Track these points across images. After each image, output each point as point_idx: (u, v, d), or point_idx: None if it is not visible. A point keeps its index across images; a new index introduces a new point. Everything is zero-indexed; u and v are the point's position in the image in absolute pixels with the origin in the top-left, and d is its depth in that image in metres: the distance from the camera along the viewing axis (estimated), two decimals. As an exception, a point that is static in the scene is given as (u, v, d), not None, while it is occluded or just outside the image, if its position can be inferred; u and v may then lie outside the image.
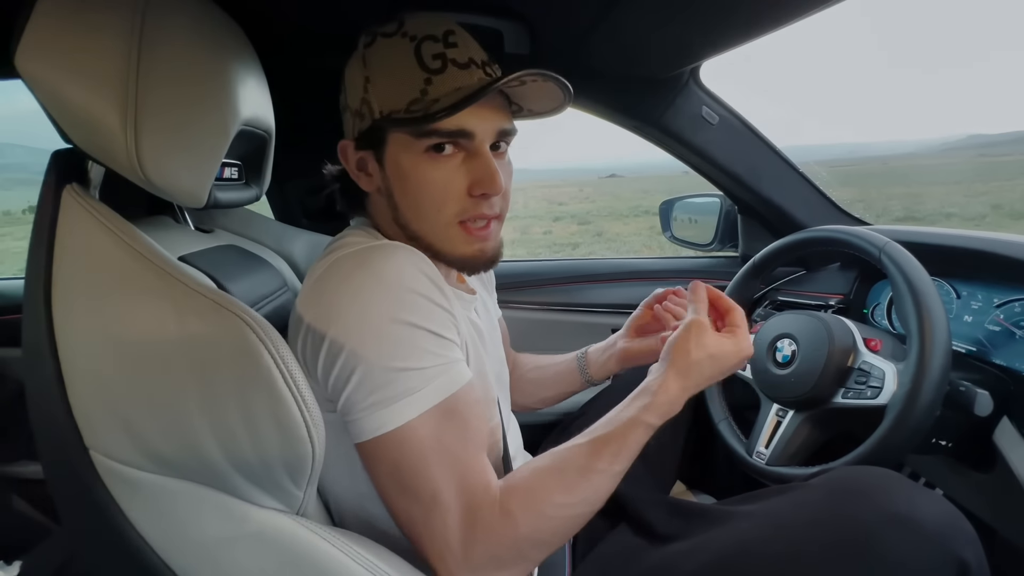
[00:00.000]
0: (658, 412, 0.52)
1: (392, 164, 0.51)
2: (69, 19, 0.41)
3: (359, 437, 0.45)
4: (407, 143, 0.50)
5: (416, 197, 0.51)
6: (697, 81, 0.90)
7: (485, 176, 0.50)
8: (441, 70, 0.49)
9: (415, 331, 0.44)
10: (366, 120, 0.50)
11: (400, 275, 0.45)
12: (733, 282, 0.88)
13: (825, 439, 0.72)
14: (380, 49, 0.50)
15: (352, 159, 0.54)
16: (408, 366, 0.44)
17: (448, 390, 0.46)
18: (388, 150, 0.51)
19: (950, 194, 21.30)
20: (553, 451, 0.51)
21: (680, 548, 0.58)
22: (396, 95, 0.48)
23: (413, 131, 0.48)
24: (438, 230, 0.52)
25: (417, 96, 0.48)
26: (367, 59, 0.50)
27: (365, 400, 0.43)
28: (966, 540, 0.48)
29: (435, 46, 0.49)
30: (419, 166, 0.50)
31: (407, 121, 0.48)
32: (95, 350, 0.39)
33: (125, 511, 0.41)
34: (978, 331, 0.73)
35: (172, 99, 0.44)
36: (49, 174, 0.43)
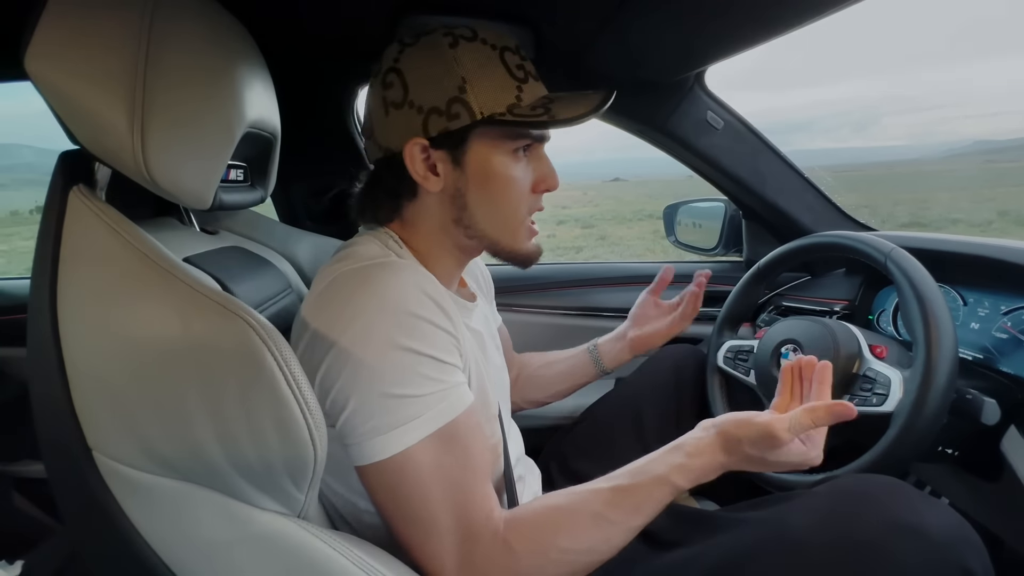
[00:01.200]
0: (690, 476, 0.50)
1: (476, 163, 0.51)
2: (78, 22, 0.41)
3: (357, 461, 0.45)
4: (496, 144, 0.51)
5: (498, 195, 0.52)
6: (702, 86, 0.90)
7: (549, 173, 0.55)
8: (525, 80, 0.52)
9: (416, 357, 0.44)
10: (459, 120, 0.49)
11: (404, 298, 0.45)
12: (737, 287, 0.88)
13: (830, 446, 0.71)
14: (470, 51, 0.50)
15: (419, 158, 0.51)
16: (407, 393, 0.44)
17: (448, 416, 0.46)
18: (471, 150, 0.51)
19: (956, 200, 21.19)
20: (571, 490, 0.50)
21: (683, 555, 0.57)
22: (497, 98, 0.50)
23: (511, 133, 0.51)
24: (511, 226, 0.54)
25: (514, 101, 0.50)
26: (459, 59, 0.49)
27: (363, 425, 0.43)
28: (972, 549, 0.47)
29: (514, 57, 0.52)
30: (506, 165, 0.52)
31: (516, 123, 0.50)
32: (99, 351, 0.39)
33: (127, 512, 0.41)
34: (985, 338, 0.73)
35: (179, 101, 0.44)
36: (56, 175, 0.44)
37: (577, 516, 0.48)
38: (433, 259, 0.56)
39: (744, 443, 0.50)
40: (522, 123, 0.50)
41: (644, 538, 0.64)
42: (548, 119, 0.49)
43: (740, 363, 0.82)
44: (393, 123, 0.51)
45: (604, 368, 0.81)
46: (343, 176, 1.04)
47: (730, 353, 0.84)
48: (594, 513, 0.48)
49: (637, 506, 0.49)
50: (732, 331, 0.89)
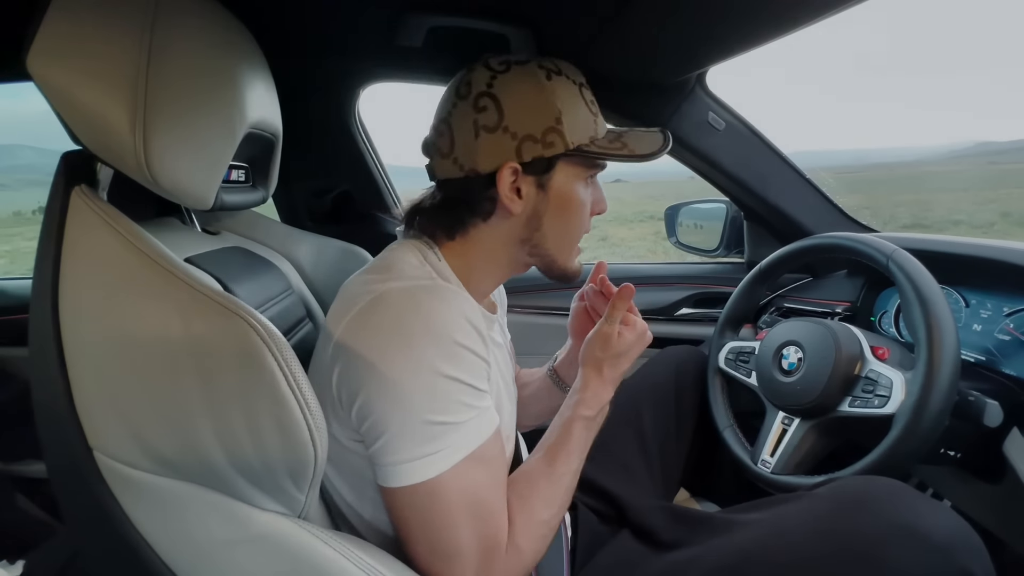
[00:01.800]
0: (587, 405, 0.57)
1: (558, 189, 0.55)
2: (80, 22, 0.41)
3: (388, 483, 0.45)
4: (576, 172, 0.55)
5: (572, 218, 0.57)
6: (703, 87, 0.90)
7: (602, 199, 0.60)
8: (598, 115, 0.56)
9: (457, 385, 0.46)
10: (554, 148, 0.52)
11: (451, 326, 0.46)
12: (738, 288, 0.87)
13: (831, 448, 0.71)
14: (561, 86, 0.53)
15: (509, 181, 0.52)
16: (448, 420, 0.45)
17: (480, 439, 0.47)
18: (556, 177, 0.54)
19: (958, 201, 21.14)
20: (519, 472, 0.55)
21: (683, 556, 0.57)
22: (582, 130, 0.54)
23: (589, 163, 0.55)
24: (572, 246, 0.59)
25: (593, 134, 0.55)
26: (555, 93, 0.52)
27: (401, 451, 0.44)
28: (973, 552, 0.47)
29: (588, 92, 0.56)
30: (581, 191, 0.56)
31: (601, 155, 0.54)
32: (100, 351, 0.39)
33: (127, 512, 0.41)
34: (987, 340, 0.72)
35: (181, 102, 0.44)
36: (58, 175, 0.44)
37: (537, 486, 0.53)
38: (478, 275, 0.57)
39: (596, 353, 0.59)
40: (606, 155, 0.55)
41: (644, 539, 0.64)
42: (627, 153, 0.55)
43: (741, 364, 0.82)
44: (483, 145, 0.52)
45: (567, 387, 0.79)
46: (344, 177, 1.05)
47: (731, 354, 0.84)
48: (545, 475, 0.54)
49: (569, 451, 0.55)
50: (733, 332, 0.89)
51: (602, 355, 0.59)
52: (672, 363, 0.86)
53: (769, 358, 0.76)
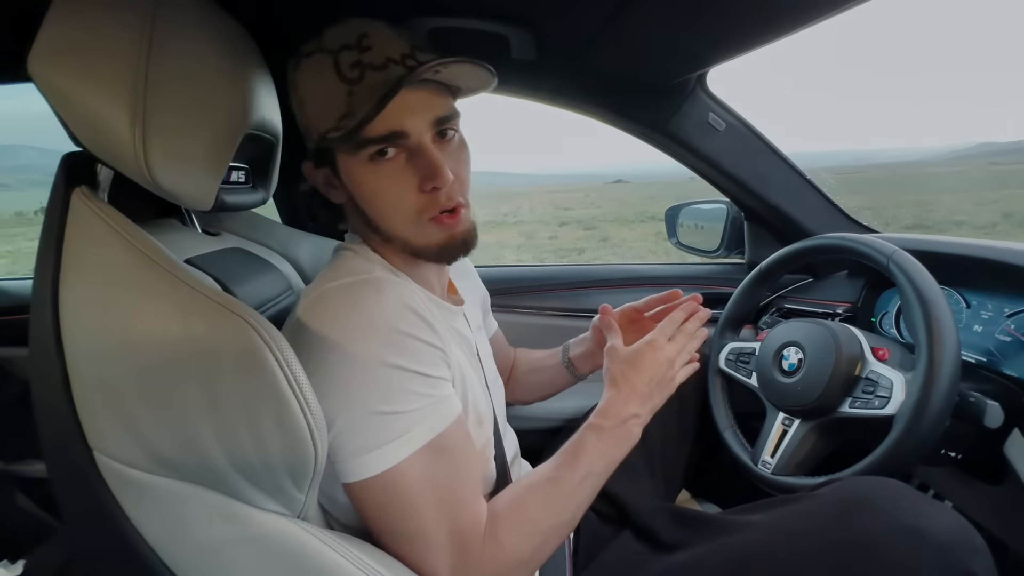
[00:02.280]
0: (602, 413, 0.57)
1: (347, 177, 0.52)
2: (80, 24, 0.41)
3: (346, 478, 0.45)
4: (350, 156, 0.50)
5: (376, 203, 0.52)
6: (704, 87, 0.90)
7: (429, 171, 0.49)
8: (360, 79, 0.47)
9: (403, 373, 0.45)
10: (312, 141, 0.52)
11: (389, 315, 0.45)
12: (739, 289, 0.87)
13: (832, 449, 0.71)
14: (304, 70, 0.50)
15: (317, 177, 0.55)
16: (395, 409, 0.44)
17: (437, 428, 0.46)
18: (340, 165, 0.52)
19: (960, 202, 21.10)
20: (527, 472, 0.55)
21: (684, 558, 0.57)
22: (326, 114, 0.48)
23: (349, 146, 0.49)
24: (408, 228, 0.52)
25: (345, 110, 0.48)
26: (297, 83, 0.51)
27: (351, 443, 0.44)
28: (976, 553, 0.47)
29: (351, 55, 0.48)
30: (368, 175, 0.50)
31: (340, 138, 0.48)
32: (100, 351, 0.39)
33: (127, 512, 0.41)
34: (988, 341, 0.72)
35: (180, 103, 0.44)
36: (59, 176, 0.44)
37: (536, 487, 0.52)
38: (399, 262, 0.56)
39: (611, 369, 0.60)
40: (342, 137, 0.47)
41: (646, 540, 0.64)
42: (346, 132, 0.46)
43: (742, 365, 0.82)
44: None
45: (579, 375, 0.81)
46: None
47: (732, 355, 0.84)
48: (548, 479, 0.52)
49: (575, 455, 0.53)
50: (734, 333, 0.88)
51: (614, 367, 0.59)
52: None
53: (769, 359, 0.76)
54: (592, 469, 0.53)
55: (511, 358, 0.88)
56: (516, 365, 0.88)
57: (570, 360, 0.80)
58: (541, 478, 0.53)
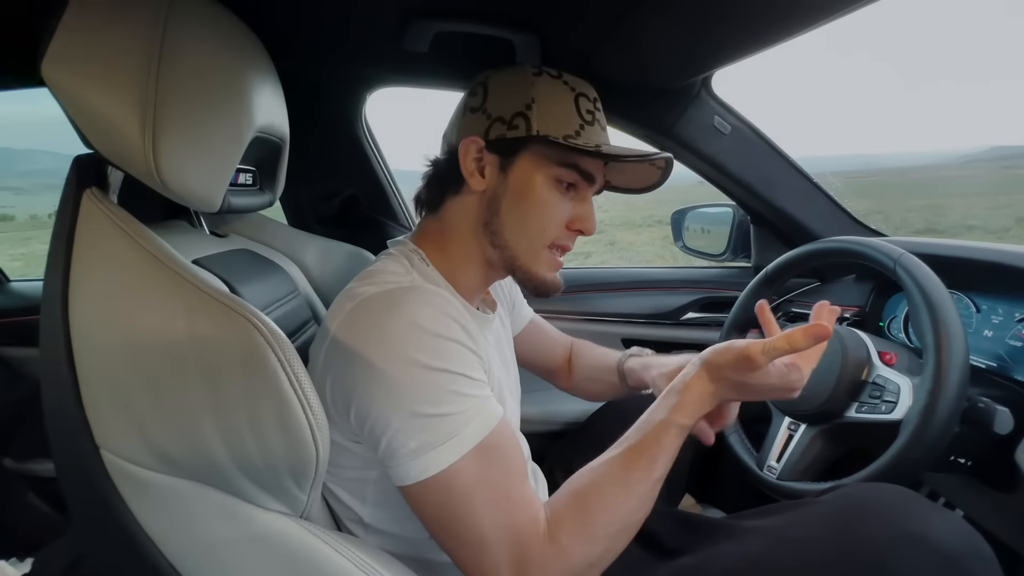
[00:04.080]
0: (687, 411, 0.51)
1: (520, 175, 0.54)
2: (93, 30, 0.42)
3: (402, 481, 0.45)
4: (544, 165, 0.54)
5: (528, 211, 0.54)
6: (709, 91, 0.90)
7: (588, 217, 0.57)
8: (591, 123, 0.55)
9: (447, 376, 0.45)
10: (517, 131, 0.53)
11: (430, 321, 0.46)
12: (744, 293, 0.87)
13: (838, 454, 0.71)
14: (546, 83, 0.54)
15: (472, 155, 0.55)
16: (444, 411, 0.45)
17: (486, 429, 0.46)
18: (520, 162, 0.54)
19: (972, 206, 20.81)
20: (589, 468, 0.51)
21: (687, 563, 0.57)
22: (556, 124, 0.53)
23: (558, 158, 0.54)
24: (532, 247, 0.56)
25: (571, 134, 0.53)
26: (534, 85, 0.54)
27: (405, 447, 0.44)
28: (983, 562, 0.46)
29: (588, 103, 0.56)
30: (544, 188, 0.54)
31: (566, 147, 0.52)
32: (108, 350, 0.40)
33: (133, 510, 0.41)
34: (999, 346, 0.71)
35: (190, 107, 0.45)
36: (70, 178, 0.45)
37: (604, 489, 0.49)
38: (461, 268, 0.58)
39: (724, 368, 0.51)
40: (571, 148, 0.52)
41: (648, 545, 0.63)
42: (595, 150, 0.52)
43: None
44: (464, 123, 0.56)
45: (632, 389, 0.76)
46: (351, 181, 1.06)
47: (737, 359, 0.83)
48: (617, 480, 0.49)
49: (653, 458, 0.50)
50: (739, 337, 0.88)
51: (731, 374, 0.51)
52: (677, 367, 0.86)
53: (775, 363, 0.76)
54: (668, 468, 0.50)
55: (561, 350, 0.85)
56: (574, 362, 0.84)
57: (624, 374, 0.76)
58: (609, 480, 0.49)
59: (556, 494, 0.51)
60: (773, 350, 0.49)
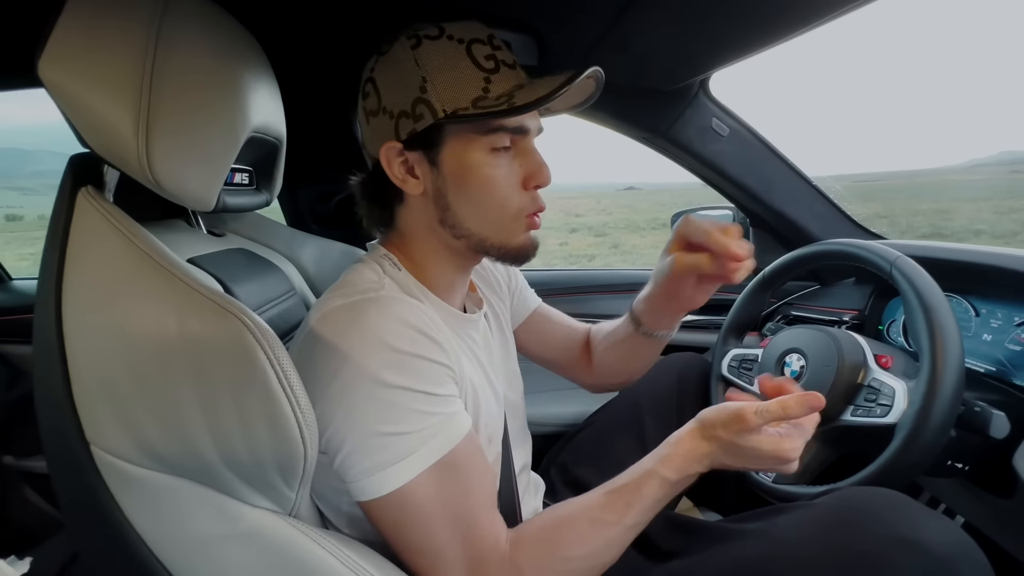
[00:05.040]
0: (673, 465, 0.50)
1: (451, 163, 0.50)
2: (88, 30, 0.42)
3: (358, 497, 0.45)
4: (469, 141, 0.49)
5: (479, 194, 0.50)
6: (707, 93, 0.90)
7: (538, 170, 0.51)
8: (496, 70, 0.49)
9: (407, 394, 0.44)
10: (424, 120, 0.49)
11: (391, 335, 0.45)
12: (742, 295, 0.87)
13: (834, 458, 0.70)
14: (431, 50, 0.49)
15: (396, 162, 0.51)
16: (401, 430, 0.44)
17: (446, 447, 0.45)
18: (445, 150, 0.50)
19: (979, 211, 20.64)
20: (568, 501, 0.51)
21: (680, 565, 0.57)
22: (460, 94, 0.48)
23: (480, 128, 0.49)
24: (499, 225, 0.52)
25: (480, 94, 0.48)
26: (419, 60, 0.48)
27: (361, 464, 0.44)
28: (977, 566, 0.46)
29: (484, 48, 0.50)
30: (483, 164, 0.50)
31: (472, 117, 0.48)
32: (100, 346, 0.40)
33: (122, 506, 0.41)
34: (998, 350, 0.71)
35: (184, 106, 0.45)
36: (66, 177, 0.45)
37: (576, 524, 0.49)
38: (432, 268, 0.56)
39: (717, 425, 0.50)
40: (486, 115, 0.47)
41: (643, 548, 0.63)
42: (507, 107, 0.47)
43: (744, 372, 0.81)
44: (372, 131, 0.52)
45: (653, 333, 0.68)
46: (349, 181, 1.06)
47: (734, 362, 0.83)
48: (591, 518, 0.49)
49: (628, 503, 0.49)
50: (737, 339, 0.88)
51: (724, 433, 0.50)
52: (674, 370, 0.86)
53: (772, 366, 0.75)
54: (643, 519, 0.50)
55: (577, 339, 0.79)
56: (593, 346, 0.78)
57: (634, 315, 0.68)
58: (582, 515, 0.49)
59: (530, 520, 0.51)
60: (766, 412, 0.48)
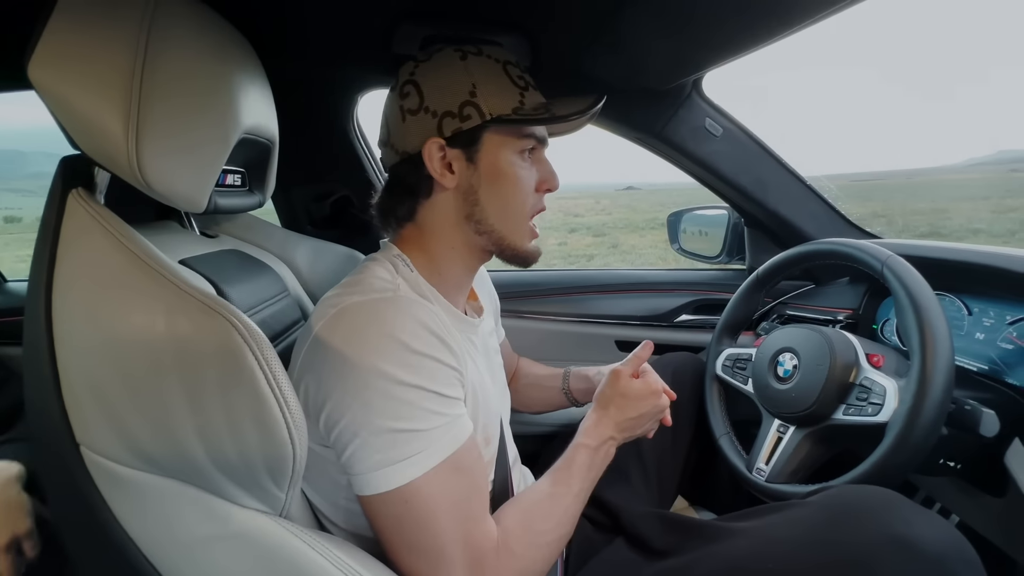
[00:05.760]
0: (589, 435, 0.61)
1: (488, 161, 0.56)
2: (78, 32, 0.42)
3: (362, 491, 0.46)
4: (505, 143, 0.56)
5: (507, 191, 0.56)
6: (700, 92, 0.90)
7: (551, 175, 0.60)
8: (526, 88, 0.57)
9: (420, 393, 0.46)
10: (471, 120, 0.54)
11: (408, 335, 0.47)
12: (736, 295, 0.87)
13: (827, 457, 0.70)
14: (476, 64, 0.55)
15: (436, 157, 0.55)
16: (413, 427, 0.45)
17: (452, 448, 0.47)
18: (484, 149, 0.55)
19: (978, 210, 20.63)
20: (529, 488, 0.58)
21: (672, 564, 0.57)
22: (503, 102, 0.55)
23: (517, 132, 0.56)
24: (518, 222, 0.58)
25: (518, 105, 0.55)
26: (468, 70, 0.55)
27: (369, 459, 0.45)
28: (967, 564, 0.46)
29: (515, 69, 0.58)
30: (514, 164, 0.56)
31: (522, 121, 0.55)
32: (88, 347, 0.40)
33: (111, 507, 0.41)
34: (991, 349, 0.71)
35: (174, 107, 0.45)
36: (56, 178, 0.45)
37: (539, 501, 0.56)
38: (445, 265, 0.58)
39: (605, 391, 0.64)
40: (527, 120, 0.55)
41: (637, 547, 0.63)
42: (549, 116, 0.55)
43: (738, 371, 0.81)
44: (410, 128, 0.56)
45: (575, 401, 0.84)
46: (344, 182, 1.07)
47: (728, 361, 0.83)
48: (547, 494, 0.57)
49: (569, 475, 0.58)
50: (731, 339, 0.88)
51: (609, 392, 0.63)
52: (669, 370, 0.86)
53: (765, 365, 0.75)
54: (584, 485, 0.59)
55: (514, 366, 0.89)
56: (518, 375, 0.89)
57: (570, 390, 0.83)
58: (542, 494, 0.57)
59: (501, 511, 0.54)
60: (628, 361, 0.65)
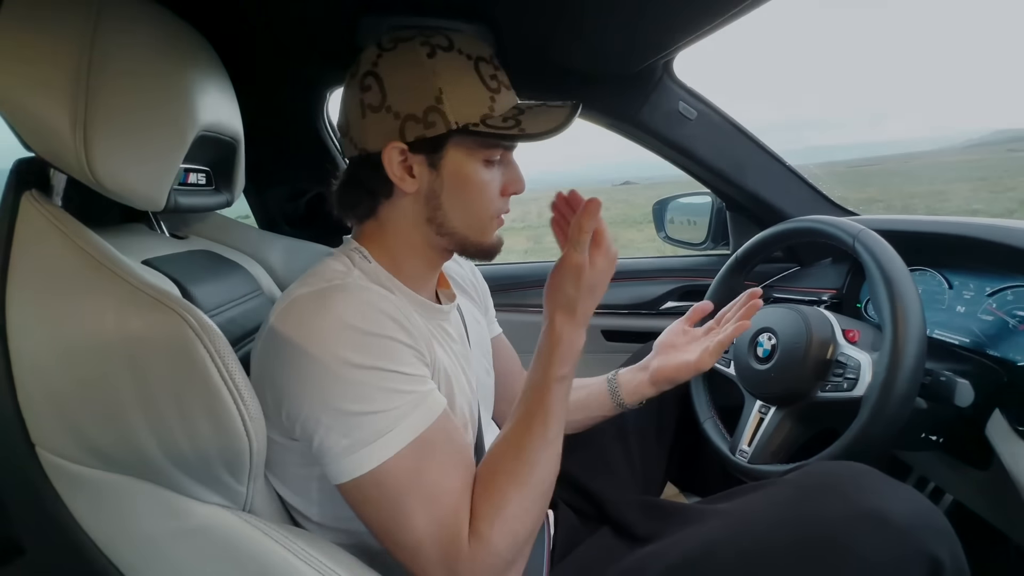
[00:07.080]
0: (563, 360, 0.52)
1: (452, 169, 0.53)
2: (25, 31, 0.42)
3: (336, 479, 0.45)
4: (472, 151, 0.53)
5: (470, 198, 0.54)
6: (671, 75, 0.89)
7: (517, 179, 0.57)
8: (498, 90, 0.53)
9: (378, 373, 0.45)
10: (436, 128, 0.51)
11: (357, 317, 0.46)
12: (716, 279, 0.86)
13: (809, 435, 0.70)
14: (446, 62, 0.51)
15: (396, 162, 0.52)
16: (375, 409, 0.44)
17: (424, 424, 0.46)
18: (448, 156, 0.52)
19: (976, 191, 20.55)
20: (488, 453, 0.51)
21: (652, 549, 0.57)
22: (471, 109, 0.51)
23: (484, 142, 0.53)
24: (481, 226, 0.56)
25: (487, 112, 0.52)
26: (436, 70, 0.51)
27: (337, 445, 0.44)
28: (938, 535, 0.46)
29: (488, 67, 0.53)
30: (479, 172, 0.54)
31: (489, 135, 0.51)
32: (41, 348, 0.40)
33: (69, 507, 0.41)
34: (972, 322, 0.70)
35: (124, 105, 0.45)
36: (10, 180, 0.45)
37: (503, 462, 0.49)
38: (405, 261, 0.57)
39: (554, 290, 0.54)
40: (494, 135, 0.51)
41: (622, 535, 0.63)
42: (518, 132, 0.51)
43: (722, 355, 0.81)
44: (370, 125, 0.52)
45: (622, 402, 0.72)
46: (317, 180, 1.06)
47: (710, 345, 0.83)
48: (517, 454, 0.49)
49: (544, 420, 0.50)
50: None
51: (575, 292, 0.52)
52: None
53: (745, 346, 0.75)
54: (560, 425, 0.51)
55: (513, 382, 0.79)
56: None
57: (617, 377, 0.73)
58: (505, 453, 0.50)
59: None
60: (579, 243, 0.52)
